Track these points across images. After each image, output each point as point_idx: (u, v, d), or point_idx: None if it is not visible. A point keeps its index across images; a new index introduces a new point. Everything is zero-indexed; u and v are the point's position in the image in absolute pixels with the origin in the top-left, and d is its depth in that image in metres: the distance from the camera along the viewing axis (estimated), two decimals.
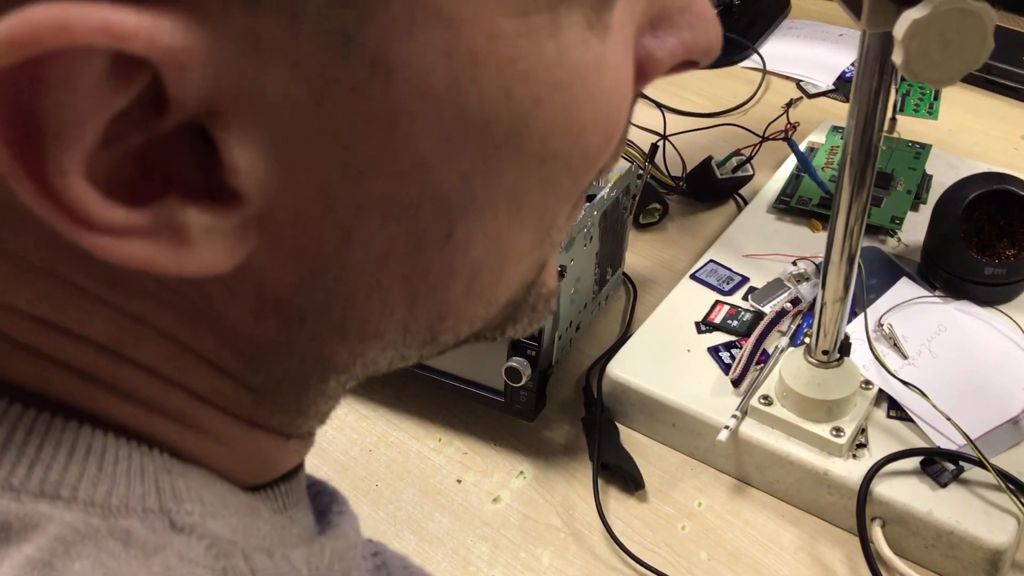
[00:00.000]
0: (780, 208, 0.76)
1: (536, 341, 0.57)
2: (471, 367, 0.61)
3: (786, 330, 0.65)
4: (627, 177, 0.67)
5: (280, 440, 0.26)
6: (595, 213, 0.63)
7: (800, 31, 1.05)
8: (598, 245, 0.65)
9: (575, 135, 0.23)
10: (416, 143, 0.20)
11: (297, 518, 0.28)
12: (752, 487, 0.61)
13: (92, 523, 0.20)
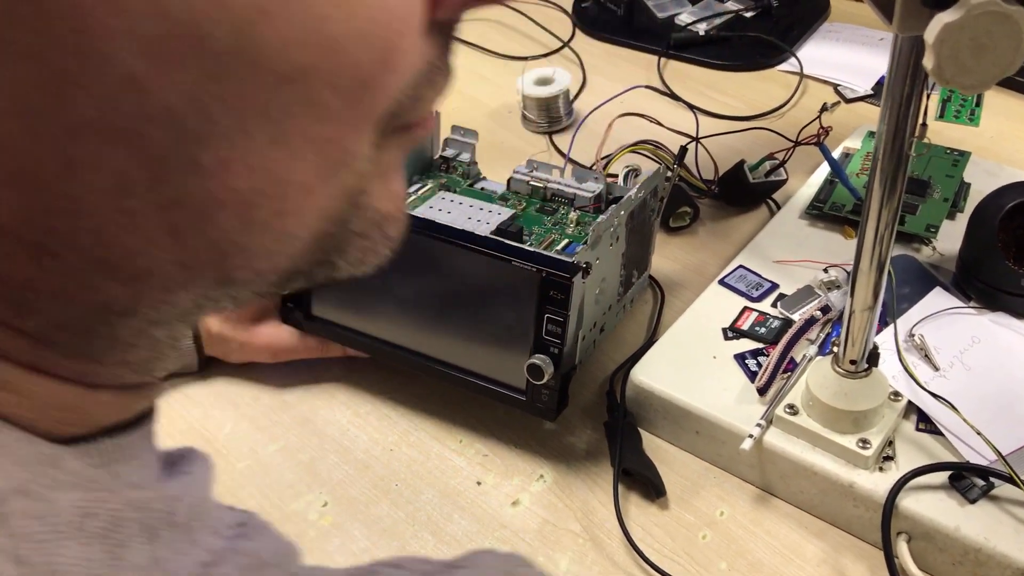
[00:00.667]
0: (813, 214, 0.75)
1: (560, 340, 0.57)
2: (494, 365, 0.61)
3: (815, 338, 0.64)
4: (655, 178, 0.66)
5: (81, 389, 0.25)
6: (622, 213, 0.62)
7: (839, 35, 1.04)
8: (624, 246, 0.64)
9: (327, 50, 0.21)
10: (120, 58, 0.19)
11: (124, 474, 0.26)
12: (775, 497, 0.60)
13: None
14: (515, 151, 0.90)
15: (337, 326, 0.66)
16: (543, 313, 0.57)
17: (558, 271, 0.56)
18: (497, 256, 0.57)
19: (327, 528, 0.60)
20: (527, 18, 1.10)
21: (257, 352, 0.68)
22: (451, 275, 0.60)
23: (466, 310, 0.61)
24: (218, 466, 0.63)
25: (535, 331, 0.58)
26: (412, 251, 0.61)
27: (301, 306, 0.66)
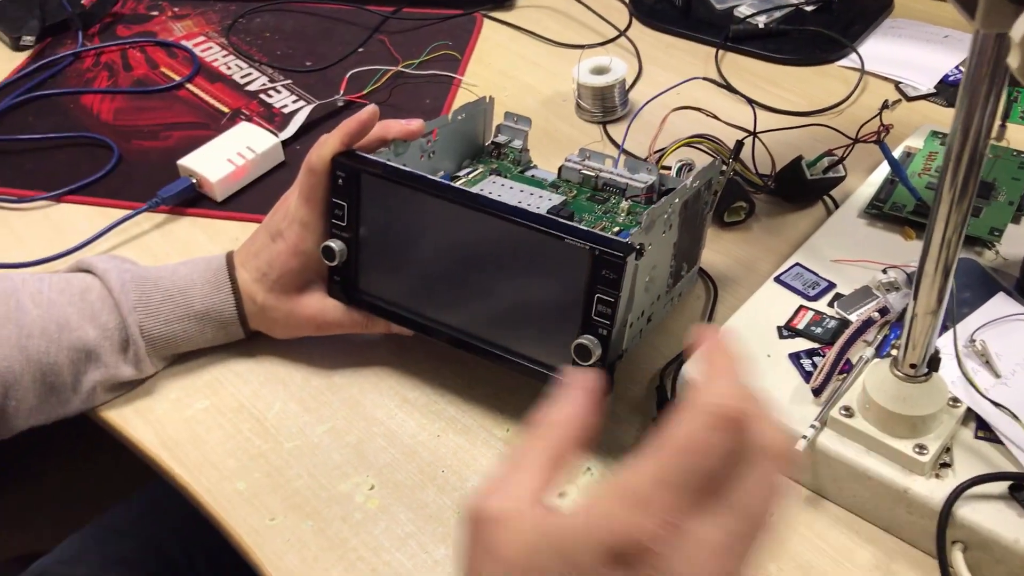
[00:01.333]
0: (872, 213, 0.74)
1: (609, 321, 0.56)
2: (540, 347, 0.60)
3: (872, 340, 0.63)
4: (710, 170, 0.66)
5: None
6: (676, 201, 0.61)
7: (902, 31, 1.02)
8: (676, 236, 0.64)
9: None
10: None
11: None
12: (827, 500, 0.59)
13: None
14: (568, 140, 0.90)
15: (383, 302, 0.66)
16: (593, 293, 0.56)
17: (612, 250, 0.55)
18: (550, 233, 0.57)
19: (373, 511, 0.60)
20: (584, 6, 1.09)
21: (301, 325, 0.67)
22: (500, 254, 0.60)
23: (514, 290, 0.60)
24: (267, 445, 0.64)
25: (584, 312, 0.57)
26: (461, 228, 0.61)
27: (347, 280, 0.66)
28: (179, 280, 0.66)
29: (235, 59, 1.02)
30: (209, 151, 0.84)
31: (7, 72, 1.01)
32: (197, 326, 0.66)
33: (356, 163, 0.63)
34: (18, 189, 0.86)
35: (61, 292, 0.65)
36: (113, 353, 0.64)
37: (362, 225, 0.64)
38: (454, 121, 0.71)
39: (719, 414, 0.33)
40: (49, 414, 0.64)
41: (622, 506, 0.32)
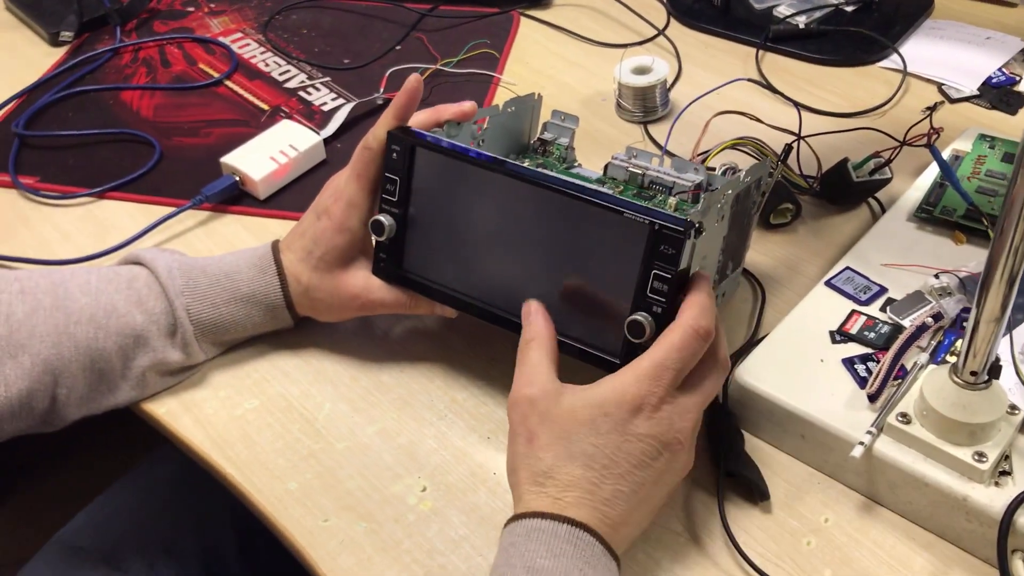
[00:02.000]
0: (922, 217, 0.73)
1: (664, 298, 0.56)
2: (589, 328, 0.59)
3: (926, 346, 0.63)
4: (761, 169, 0.65)
5: None
6: (729, 192, 0.61)
7: (943, 32, 1.01)
8: (726, 229, 0.63)
9: None
10: None
11: None
12: (882, 506, 0.59)
13: None
14: (609, 140, 0.89)
15: (428, 281, 0.65)
16: (650, 269, 0.55)
17: (672, 224, 0.54)
18: (609, 207, 0.56)
19: (426, 513, 0.60)
20: (622, 4, 1.09)
21: (345, 304, 0.67)
22: (556, 229, 0.59)
23: (566, 268, 0.60)
24: (317, 445, 0.64)
25: (638, 288, 0.56)
26: (516, 203, 0.60)
27: (393, 259, 0.66)
28: (225, 266, 0.67)
29: (272, 56, 1.02)
30: (251, 149, 0.84)
31: (46, 67, 1.02)
32: (244, 309, 0.67)
33: (411, 137, 0.63)
34: (61, 185, 0.86)
35: (109, 281, 0.65)
36: (161, 337, 0.65)
37: (412, 201, 0.64)
38: (504, 113, 0.71)
39: (698, 329, 0.53)
40: (100, 403, 0.65)
41: (640, 378, 0.52)
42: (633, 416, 0.52)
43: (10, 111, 0.95)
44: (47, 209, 0.84)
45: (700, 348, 0.53)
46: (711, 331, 0.53)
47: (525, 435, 0.53)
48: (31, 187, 0.85)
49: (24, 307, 0.63)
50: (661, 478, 0.53)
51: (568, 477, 0.51)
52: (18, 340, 0.62)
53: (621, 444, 0.52)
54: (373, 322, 0.72)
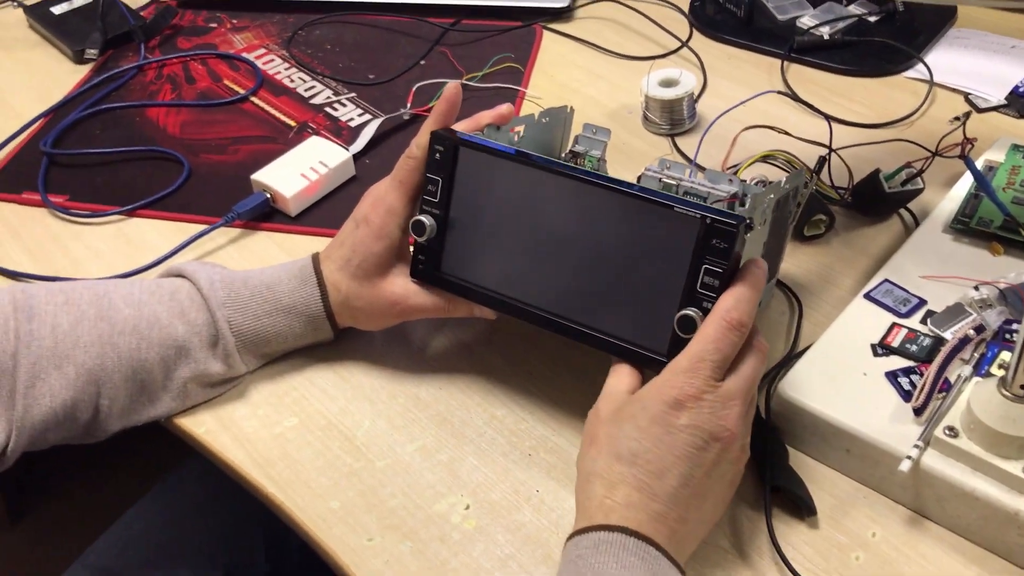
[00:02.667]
0: (958, 229, 0.73)
1: (715, 293, 0.55)
2: (634, 326, 0.59)
3: (969, 358, 0.62)
4: (798, 178, 0.65)
5: None
6: (771, 196, 0.61)
7: (968, 41, 1.01)
8: (766, 235, 0.63)
9: None
10: None
11: None
12: (930, 520, 0.58)
13: None
14: (638, 153, 0.89)
15: (467, 283, 0.65)
16: (700, 264, 0.55)
17: (724, 218, 0.54)
18: (659, 202, 0.56)
19: (471, 532, 0.59)
20: (644, 16, 1.09)
21: (385, 310, 0.67)
22: (602, 226, 0.59)
23: (612, 266, 0.59)
24: (358, 464, 0.64)
25: (687, 284, 0.56)
26: (562, 200, 0.60)
27: (431, 261, 0.66)
28: (266, 277, 0.67)
29: (297, 72, 1.03)
30: (282, 165, 0.84)
31: (72, 85, 1.02)
32: (285, 320, 0.67)
33: (455, 138, 0.63)
34: (91, 203, 0.86)
35: (152, 293, 0.66)
36: (203, 348, 0.65)
37: (453, 203, 0.64)
38: (538, 123, 0.71)
39: (733, 322, 0.53)
40: (141, 413, 0.65)
41: (677, 372, 0.53)
42: (675, 409, 0.52)
43: (37, 129, 0.96)
44: (77, 227, 0.84)
45: (737, 339, 0.53)
46: (744, 322, 0.53)
47: (588, 439, 0.55)
48: (61, 206, 0.86)
49: (69, 318, 0.63)
50: (715, 470, 0.53)
51: (615, 475, 0.52)
52: (63, 351, 0.62)
53: (663, 437, 0.52)
54: (410, 338, 0.72)
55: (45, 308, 0.64)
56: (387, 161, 0.89)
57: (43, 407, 0.61)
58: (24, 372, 0.61)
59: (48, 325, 0.63)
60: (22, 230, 0.84)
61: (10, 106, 0.99)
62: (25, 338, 0.62)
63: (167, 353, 0.64)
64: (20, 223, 0.85)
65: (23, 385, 0.61)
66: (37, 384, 0.61)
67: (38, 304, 0.64)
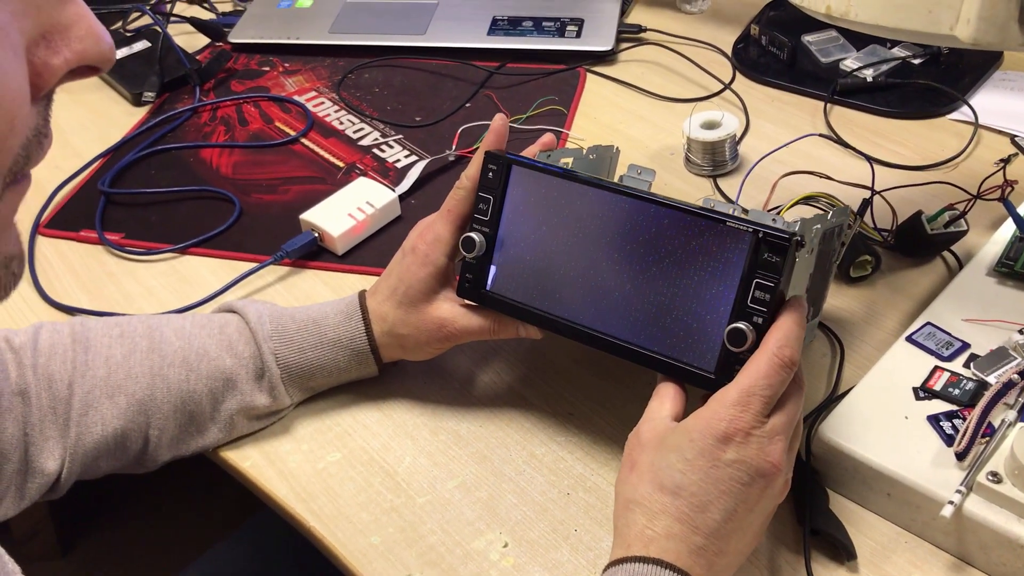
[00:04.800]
0: (1002, 272, 0.72)
1: (766, 308, 0.55)
2: (682, 344, 0.59)
3: (1013, 403, 0.62)
4: (843, 214, 0.65)
5: None
6: (817, 227, 0.61)
7: (1014, 83, 1.01)
8: (812, 267, 0.63)
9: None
10: None
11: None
12: (973, 567, 0.58)
13: None
14: (680, 193, 0.90)
15: (514, 301, 0.66)
16: (752, 278, 0.56)
17: (777, 232, 0.55)
18: (711, 217, 0.57)
19: (509, 569, 0.60)
20: (686, 59, 1.10)
21: (431, 336, 0.67)
22: (653, 243, 0.60)
23: (662, 283, 0.60)
24: (399, 500, 0.64)
25: (738, 298, 0.56)
26: (613, 217, 0.61)
27: (478, 280, 0.67)
28: (313, 312, 0.69)
29: (346, 114, 1.05)
30: (329, 205, 0.87)
31: (129, 126, 1.05)
32: (330, 354, 0.68)
33: (508, 156, 0.65)
34: (145, 241, 0.88)
35: (202, 327, 0.68)
36: (249, 381, 0.67)
37: (503, 222, 0.65)
38: (586, 157, 0.72)
39: (785, 359, 0.53)
40: (189, 444, 0.67)
41: (727, 406, 0.53)
42: (722, 443, 0.52)
43: (96, 169, 0.99)
44: (132, 264, 0.87)
45: (786, 376, 0.53)
46: (795, 359, 0.54)
47: (629, 464, 0.55)
48: (117, 243, 0.88)
49: (122, 349, 0.66)
50: (757, 506, 0.53)
51: (657, 505, 0.52)
52: (116, 381, 0.64)
53: (709, 471, 0.52)
54: (451, 376, 0.73)
55: (100, 340, 0.66)
56: (432, 201, 0.91)
57: (95, 435, 0.64)
58: (78, 401, 0.64)
59: (103, 356, 0.65)
60: (79, 266, 0.87)
61: (71, 146, 1.03)
62: (81, 368, 0.64)
63: (215, 385, 0.66)
64: (78, 260, 0.88)
65: (77, 413, 0.63)
66: (90, 412, 0.64)
67: (94, 336, 0.66)
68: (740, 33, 1.13)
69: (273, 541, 0.88)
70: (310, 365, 0.68)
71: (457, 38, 1.14)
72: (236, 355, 0.67)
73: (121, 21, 1.25)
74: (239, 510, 0.96)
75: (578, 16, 1.15)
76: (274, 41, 1.17)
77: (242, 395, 0.67)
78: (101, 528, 1.50)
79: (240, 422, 0.68)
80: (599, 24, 1.14)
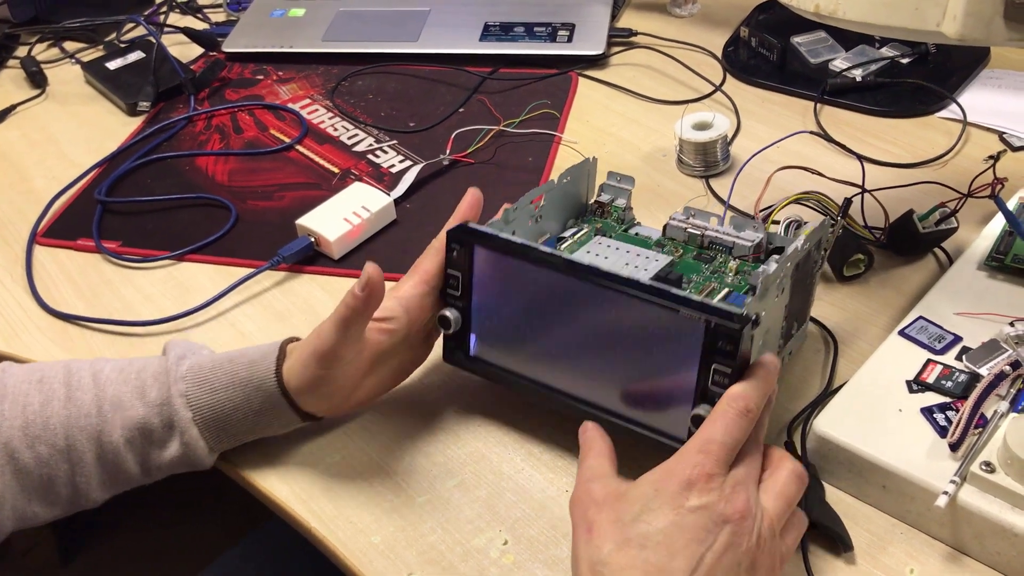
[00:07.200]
0: (992, 266, 0.73)
1: (727, 388, 0.56)
2: (654, 415, 0.61)
3: (1005, 394, 0.62)
4: (820, 231, 0.66)
5: None
6: (788, 265, 0.62)
7: (1001, 81, 1.02)
8: (788, 298, 0.64)
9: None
10: None
11: None
12: (969, 557, 0.58)
13: None
14: (672, 195, 0.91)
15: (498, 367, 0.67)
16: (710, 363, 0.56)
17: (729, 321, 0.55)
18: (664, 305, 0.57)
19: (509, 567, 0.60)
20: (677, 62, 1.11)
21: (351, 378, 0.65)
22: (613, 324, 0.60)
23: (628, 359, 0.61)
24: (399, 500, 0.65)
25: (700, 381, 0.57)
26: (573, 298, 0.62)
27: (461, 348, 0.68)
28: (234, 352, 0.66)
29: (341, 120, 1.06)
30: (325, 211, 0.87)
31: (125, 136, 1.06)
32: (242, 394, 0.64)
33: (469, 235, 0.65)
34: (142, 249, 0.89)
35: (121, 371, 0.66)
36: (162, 428, 0.64)
37: (474, 295, 0.66)
38: (560, 185, 0.73)
39: (741, 409, 0.54)
40: (121, 487, 0.66)
41: (689, 453, 0.53)
42: (686, 490, 0.51)
43: (92, 179, 0.99)
44: (129, 272, 0.87)
45: (746, 425, 0.54)
46: (752, 409, 0.54)
47: (584, 526, 0.52)
48: (114, 251, 0.89)
49: (40, 397, 0.64)
50: (727, 555, 0.50)
51: (625, 559, 0.50)
52: (34, 432, 0.63)
53: (675, 519, 0.50)
54: (449, 377, 0.73)
55: (19, 387, 0.65)
56: (427, 205, 0.91)
57: (21, 484, 0.63)
58: None
59: (20, 405, 0.64)
60: (77, 275, 0.87)
61: (67, 157, 1.03)
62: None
63: (131, 435, 0.64)
64: (75, 268, 0.88)
65: None
66: (12, 462, 0.63)
67: (12, 383, 0.65)
68: (730, 35, 1.15)
69: (281, 551, 0.88)
70: (223, 406, 0.64)
71: (449, 44, 1.15)
72: (147, 402, 0.64)
73: (115, 32, 1.26)
74: (242, 519, 0.96)
75: (569, 21, 1.16)
76: (268, 50, 1.18)
77: (156, 444, 0.64)
78: (102, 539, 1.49)
79: (166, 468, 0.65)
80: (590, 28, 1.15)
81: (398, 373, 0.69)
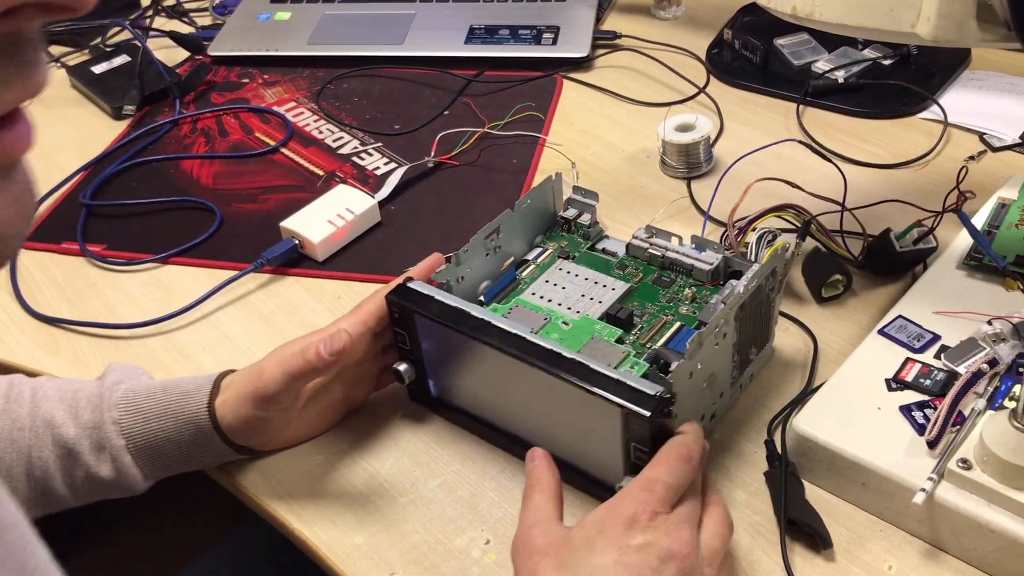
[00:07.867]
0: (971, 265, 0.74)
1: (648, 448, 0.57)
2: (599, 466, 0.62)
3: (983, 392, 0.63)
4: (773, 261, 0.65)
5: None
6: (729, 311, 0.62)
7: (982, 82, 1.02)
8: (735, 337, 0.64)
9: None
10: None
11: None
12: (946, 553, 0.59)
13: None
14: (655, 195, 0.91)
15: (460, 408, 0.69)
16: (629, 442, 0.58)
17: (641, 408, 0.55)
18: (584, 388, 0.57)
19: (491, 565, 0.60)
20: (661, 64, 1.11)
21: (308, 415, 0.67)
22: (538, 393, 0.61)
23: (563, 421, 0.62)
24: (381, 500, 0.65)
25: (625, 454, 0.58)
26: (505, 369, 0.62)
27: (424, 391, 0.70)
28: (170, 382, 0.65)
29: (326, 123, 1.06)
30: (309, 213, 0.87)
31: (110, 140, 1.06)
32: (174, 426, 0.63)
33: (408, 299, 0.64)
34: (126, 252, 0.89)
35: (59, 390, 0.66)
36: (91, 451, 0.64)
37: (423, 348, 0.67)
38: (519, 210, 0.73)
39: (685, 455, 0.55)
40: (45, 508, 0.65)
41: (633, 493, 0.53)
42: (630, 528, 0.51)
43: (77, 183, 0.99)
44: (114, 275, 0.87)
45: (688, 470, 0.55)
46: (694, 455, 0.55)
47: (527, 573, 0.52)
48: (98, 254, 0.89)
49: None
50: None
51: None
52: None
53: (620, 558, 0.50)
54: None
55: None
56: (411, 207, 0.92)
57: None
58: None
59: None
60: (61, 278, 0.87)
61: (52, 160, 1.03)
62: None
63: (61, 453, 0.64)
64: (60, 272, 0.88)
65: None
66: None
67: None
68: (714, 38, 1.15)
69: (256, 549, 0.88)
70: (155, 436, 0.63)
71: (435, 47, 1.15)
72: (80, 424, 0.64)
73: (101, 36, 1.26)
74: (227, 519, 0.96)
75: (554, 24, 1.16)
76: (253, 53, 1.18)
77: (86, 466, 0.63)
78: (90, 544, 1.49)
79: (90, 491, 0.65)
80: (575, 31, 1.15)
81: (332, 411, 0.69)
